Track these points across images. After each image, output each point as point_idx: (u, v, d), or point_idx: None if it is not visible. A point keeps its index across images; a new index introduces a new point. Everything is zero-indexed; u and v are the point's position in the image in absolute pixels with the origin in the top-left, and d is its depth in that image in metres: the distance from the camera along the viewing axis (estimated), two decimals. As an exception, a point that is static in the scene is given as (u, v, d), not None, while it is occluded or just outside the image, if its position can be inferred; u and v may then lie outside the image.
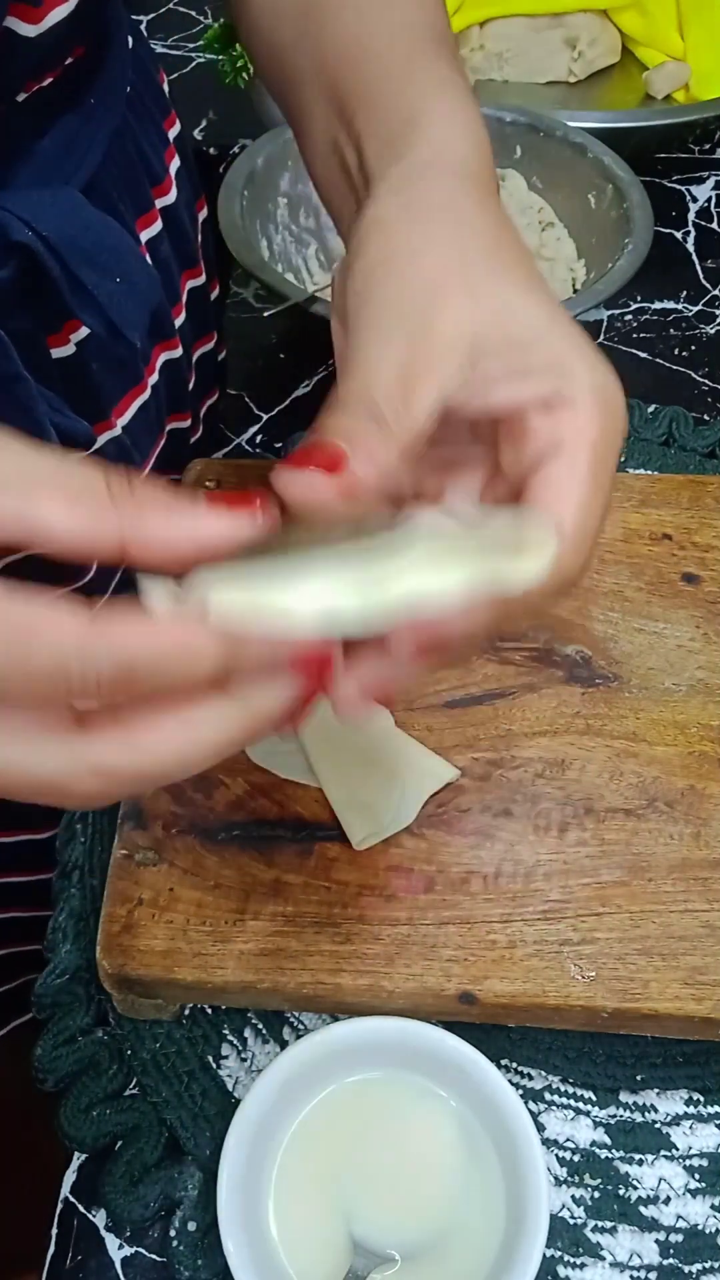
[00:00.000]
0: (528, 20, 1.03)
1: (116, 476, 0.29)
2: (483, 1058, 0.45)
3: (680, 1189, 0.47)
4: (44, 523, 0.29)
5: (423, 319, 0.35)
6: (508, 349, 0.35)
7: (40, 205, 0.47)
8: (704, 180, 0.96)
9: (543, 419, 0.35)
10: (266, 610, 0.29)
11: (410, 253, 0.37)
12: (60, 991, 0.50)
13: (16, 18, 0.45)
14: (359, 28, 0.45)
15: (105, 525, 0.29)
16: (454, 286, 0.36)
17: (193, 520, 0.30)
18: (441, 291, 0.35)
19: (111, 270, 0.49)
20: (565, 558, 0.33)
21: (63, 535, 0.29)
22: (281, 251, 0.82)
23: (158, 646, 0.28)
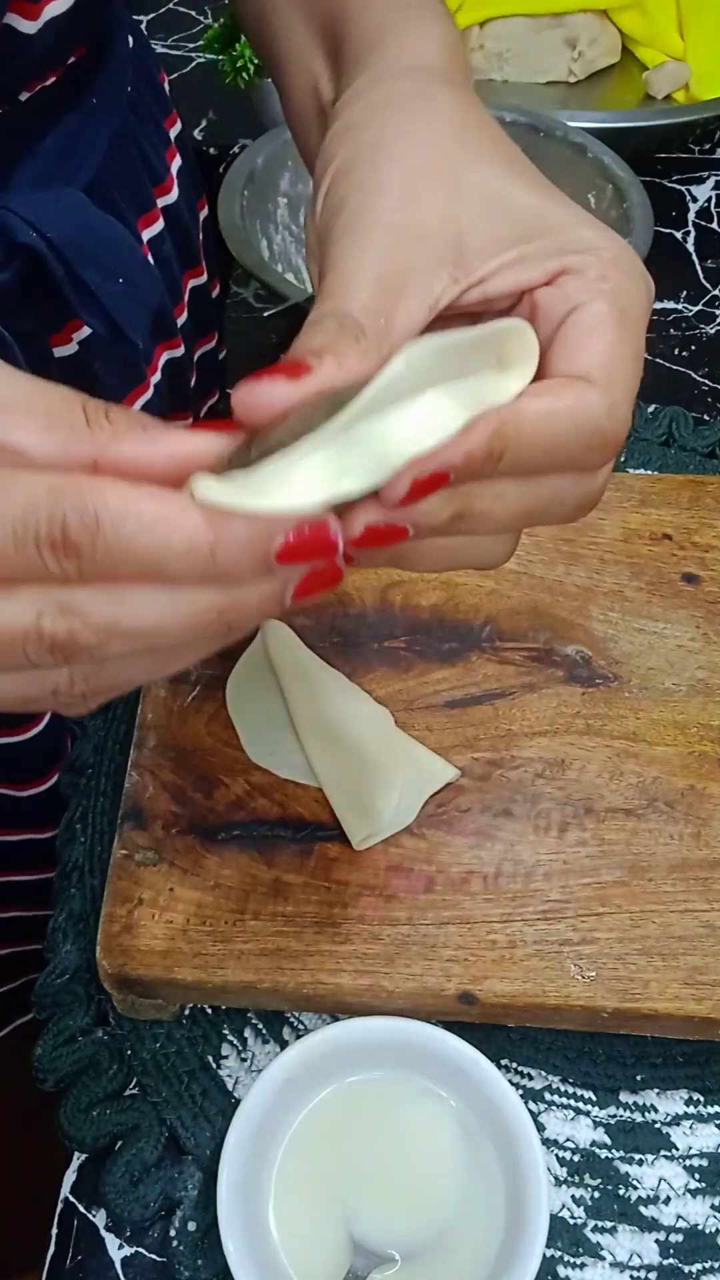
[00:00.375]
0: (528, 20, 1.03)
1: (94, 402, 0.28)
2: (483, 1057, 0.45)
3: (680, 1189, 0.47)
4: (15, 444, 0.27)
5: (401, 220, 0.32)
6: (498, 239, 0.33)
7: (44, 206, 0.47)
8: (704, 180, 0.96)
9: (551, 291, 0.33)
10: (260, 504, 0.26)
11: (380, 149, 0.34)
12: (60, 991, 0.50)
13: (15, 13, 0.45)
14: None
15: (79, 448, 0.28)
16: (432, 179, 0.33)
17: (169, 439, 0.28)
18: (418, 187, 0.33)
19: (114, 271, 0.49)
20: (597, 407, 0.31)
21: (35, 457, 0.27)
22: (282, 251, 0.82)
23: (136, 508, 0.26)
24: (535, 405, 0.30)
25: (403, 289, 0.32)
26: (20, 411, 0.28)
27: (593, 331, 0.32)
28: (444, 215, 0.33)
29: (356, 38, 0.40)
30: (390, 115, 0.35)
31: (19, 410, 0.28)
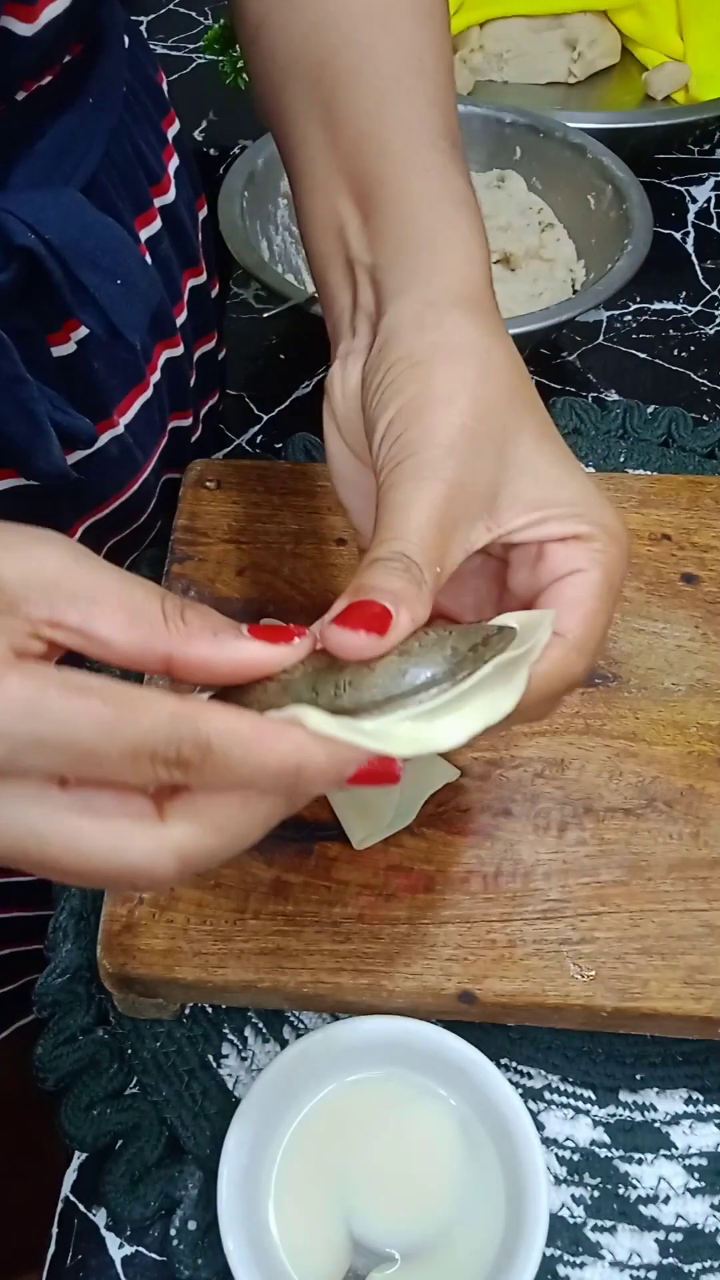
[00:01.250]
0: (527, 21, 1.04)
1: (171, 598, 0.32)
2: (482, 1057, 0.45)
3: (680, 1188, 0.47)
4: (103, 637, 0.31)
5: (458, 477, 0.37)
6: (528, 501, 0.38)
7: (43, 207, 0.47)
8: (703, 181, 0.96)
9: (561, 548, 0.39)
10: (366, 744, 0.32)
11: (448, 404, 0.38)
12: (61, 991, 0.50)
13: (12, 17, 0.45)
14: (378, 119, 0.45)
15: (156, 645, 0.32)
16: (485, 442, 0.38)
17: (232, 646, 0.32)
18: (476, 447, 0.38)
19: (112, 272, 0.49)
20: (575, 665, 0.37)
21: (119, 648, 0.31)
22: (282, 252, 0.82)
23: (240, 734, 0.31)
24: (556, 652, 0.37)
25: (452, 538, 0.37)
26: (108, 605, 0.31)
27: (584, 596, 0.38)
28: (490, 476, 0.38)
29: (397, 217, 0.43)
30: (453, 371, 0.39)
31: (108, 604, 0.31)
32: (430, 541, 0.36)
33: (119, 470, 0.61)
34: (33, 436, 0.51)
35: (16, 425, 0.50)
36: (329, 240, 0.46)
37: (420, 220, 0.43)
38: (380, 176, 0.44)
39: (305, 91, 0.47)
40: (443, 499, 0.37)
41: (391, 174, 0.44)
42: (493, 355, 0.40)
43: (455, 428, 0.38)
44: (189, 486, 0.62)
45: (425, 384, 0.39)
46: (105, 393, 0.58)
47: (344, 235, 0.45)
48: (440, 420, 0.38)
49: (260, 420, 0.76)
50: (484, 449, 0.38)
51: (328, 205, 0.46)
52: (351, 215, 0.45)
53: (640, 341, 0.83)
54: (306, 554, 0.60)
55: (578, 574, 0.38)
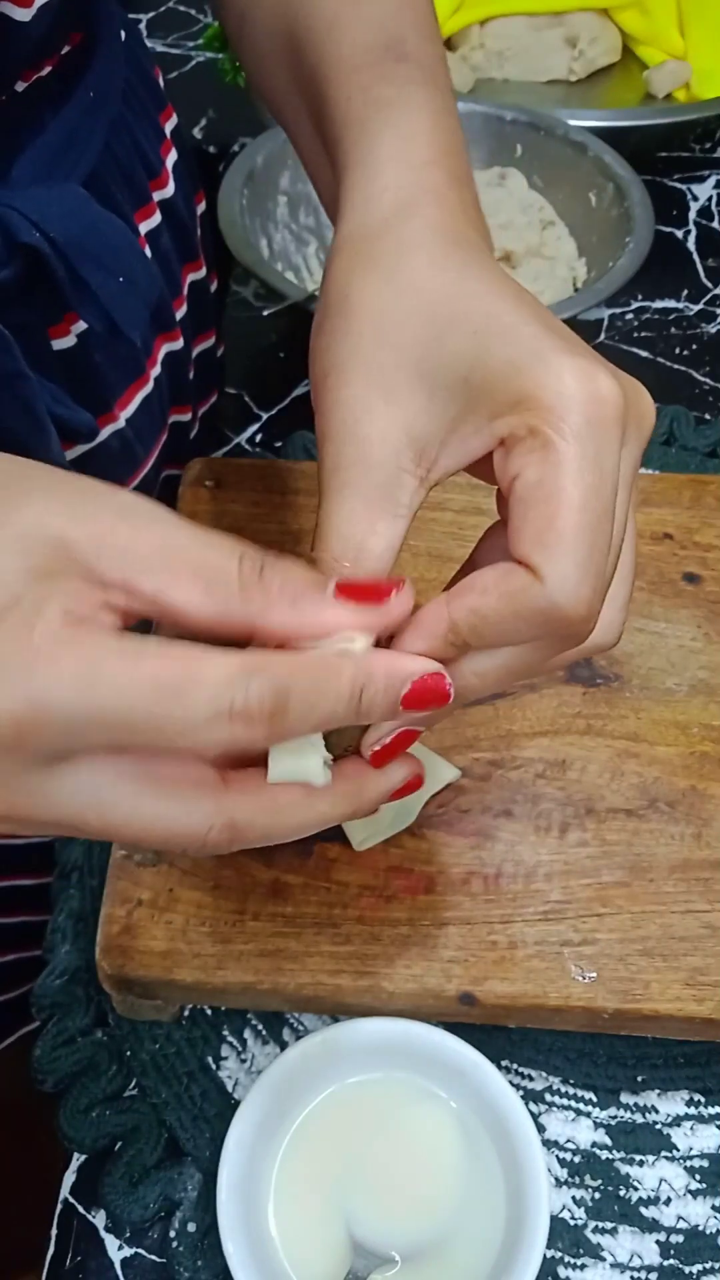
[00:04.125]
0: (528, 19, 1.03)
1: (249, 558, 0.31)
2: (483, 1059, 0.45)
3: (681, 1190, 0.46)
4: (179, 607, 0.30)
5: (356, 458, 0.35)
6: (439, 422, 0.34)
7: (46, 203, 0.47)
8: (705, 179, 0.96)
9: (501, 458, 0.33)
10: None
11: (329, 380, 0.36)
12: (59, 992, 0.50)
13: (9, 2, 0.45)
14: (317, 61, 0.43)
15: (234, 614, 0.30)
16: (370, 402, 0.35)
17: (317, 613, 0.31)
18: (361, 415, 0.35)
19: (114, 269, 0.49)
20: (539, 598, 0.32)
21: (196, 619, 0.30)
22: (281, 250, 0.81)
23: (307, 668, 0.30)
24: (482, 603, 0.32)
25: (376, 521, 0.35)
26: (183, 573, 0.30)
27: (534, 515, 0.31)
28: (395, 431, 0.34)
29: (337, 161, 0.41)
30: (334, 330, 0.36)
31: (182, 572, 0.30)
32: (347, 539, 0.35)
33: (119, 465, 0.61)
34: (32, 433, 0.50)
35: (16, 421, 0.50)
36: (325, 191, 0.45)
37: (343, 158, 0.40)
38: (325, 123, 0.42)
39: (282, 68, 0.47)
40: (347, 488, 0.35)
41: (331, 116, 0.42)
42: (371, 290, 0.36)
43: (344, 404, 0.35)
44: (188, 485, 0.62)
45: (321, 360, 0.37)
46: (106, 386, 0.58)
47: (325, 177, 0.44)
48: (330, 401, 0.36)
49: (259, 419, 0.76)
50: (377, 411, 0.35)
51: (324, 178, 0.45)
52: (323, 158, 0.44)
53: (642, 340, 0.83)
54: (306, 554, 0.59)
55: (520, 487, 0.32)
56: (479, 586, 0.32)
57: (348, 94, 0.41)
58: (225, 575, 0.30)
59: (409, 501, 0.35)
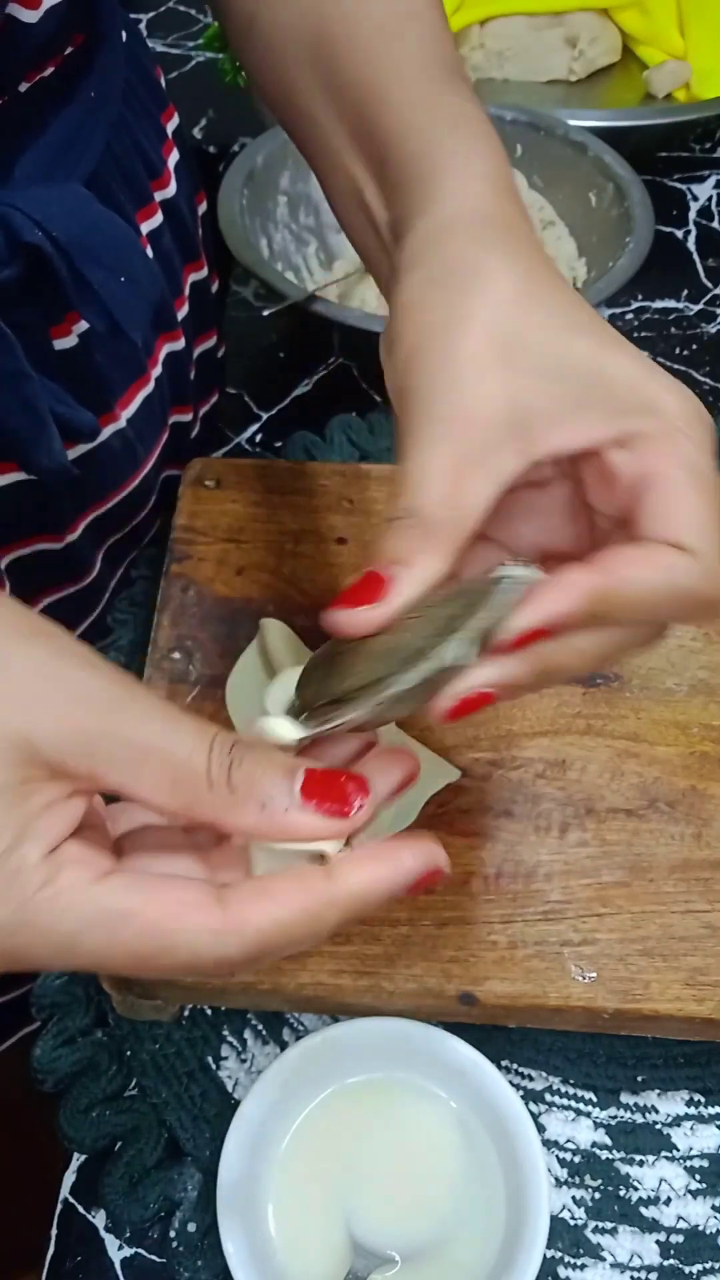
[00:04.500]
0: (528, 19, 1.03)
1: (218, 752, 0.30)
2: (483, 1059, 0.45)
3: (681, 1190, 0.46)
4: (145, 799, 0.30)
5: (466, 411, 0.34)
6: (562, 403, 0.35)
7: (49, 203, 0.47)
8: (705, 179, 0.96)
9: (623, 455, 0.34)
10: None
11: (445, 334, 0.36)
12: (59, 992, 0.50)
13: (17, 4, 0.45)
14: (370, 71, 0.44)
15: (201, 811, 0.30)
16: (493, 363, 0.35)
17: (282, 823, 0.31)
18: (483, 373, 0.35)
19: (116, 269, 0.49)
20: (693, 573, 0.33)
21: (161, 808, 0.31)
22: (281, 250, 0.81)
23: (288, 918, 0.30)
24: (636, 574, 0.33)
25: (472, 476, 0.34)
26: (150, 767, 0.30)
27: (678, 501, 0.33)
28: (507, 396, 0.34)
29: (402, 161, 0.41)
30: (450, 294, 0.36)
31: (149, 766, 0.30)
32: (439, 487, 0.34)
33: (120, 465, 0.61)
34: (34, 432, 0.50)
35: (18, 420, 0.50)
36: (356, 213, 0.45)
37: (419, 157, 0.41)
38: (381, 128, 0.42)
39: (306, 71, 0.47)
40: (448, 438, 0.34)
41: (389, 122, 0.42)
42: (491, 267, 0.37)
43: (458, 359, 0.35)
44: (188, 485, 0.62)
45: (417, 327, 0.36)
46: (107, 386, 0.58)
47: (364, 202, 0.44)
48: (438, 355, 0.35)
49: (260, 419, 0.76)
50: (494, 371, 0.35)
51: (347, 179, 0.45)
52: (367, 180, 0.44)
53: (642, 340, 0.83)
54: (306, 553, 0.60)
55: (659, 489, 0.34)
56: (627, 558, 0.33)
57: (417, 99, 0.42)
58: (192, 773, 0.30)
59: (507, 469, 0.34)
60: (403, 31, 0.44)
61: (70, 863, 0.30)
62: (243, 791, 0.30)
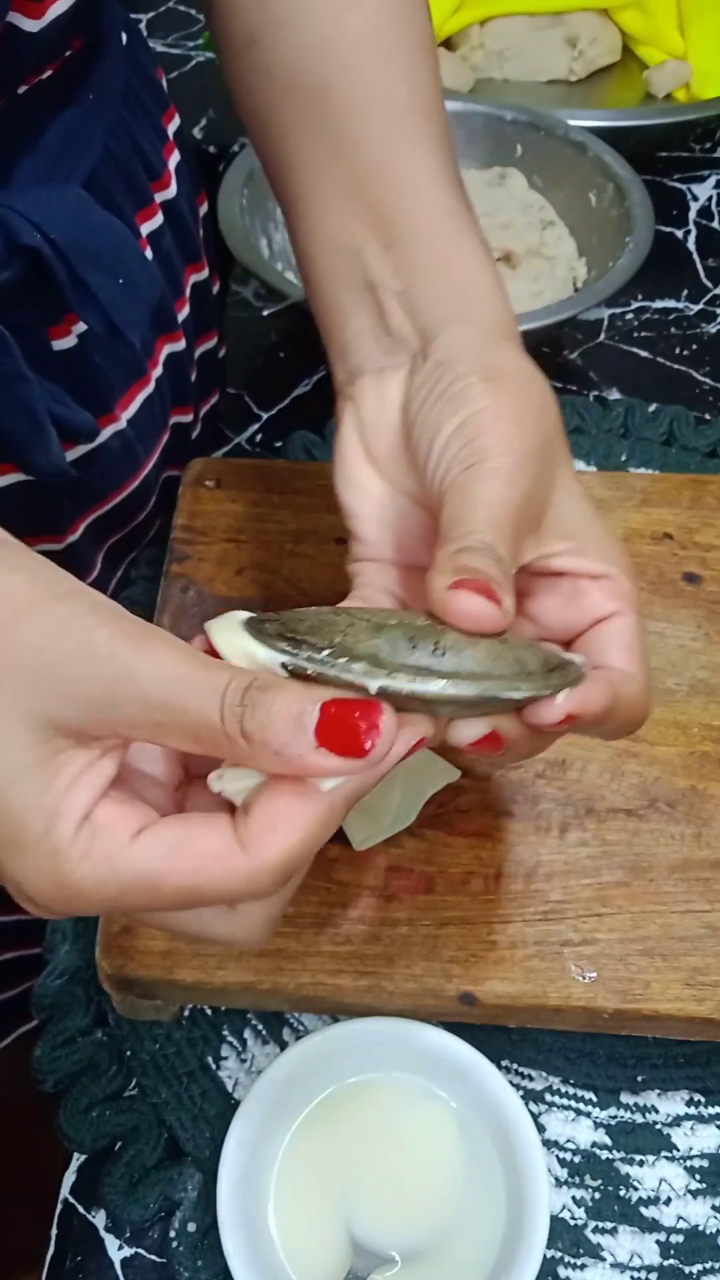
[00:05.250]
0: (528, 19, 1.03)
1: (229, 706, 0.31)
2: (483, 1059, 0.45)
3: (681, 1190, 0.46)
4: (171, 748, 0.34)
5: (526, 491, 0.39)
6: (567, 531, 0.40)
7: (47, 206, 0.47)
8: (705, 179, 0.96)
9: (595, 586, 0.40)
10: None
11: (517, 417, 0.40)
12: (59, 993, 0.50)
13: (19, 14, 0.45)
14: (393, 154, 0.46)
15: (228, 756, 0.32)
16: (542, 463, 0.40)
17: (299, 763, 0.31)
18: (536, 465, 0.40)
19: (114, 272, 0.49)
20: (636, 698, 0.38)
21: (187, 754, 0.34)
22: (281, 250, 0.81)
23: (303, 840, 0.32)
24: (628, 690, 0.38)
25: (518, 544, 0.38)
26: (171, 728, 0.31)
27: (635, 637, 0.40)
28: (543, 497, 0.40)
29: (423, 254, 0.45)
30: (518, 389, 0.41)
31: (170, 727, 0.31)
32: (509, 541, 0.37)
33: (120, 466, 0.61)
34: (32, 434, 0.50)
35: (16, 422, 0.50)
36: (341, 261, 0.46)
37: (456, 261, 0.45)
38: (403, 210, 0.45)
39: (306, 113, 0.47)
40: (517, 505, 0.38)
41: (416, 210, 0.45)
42: (545, 389, 0.42)
43: (526, 444, 0.39)
44: (188, 485, 0.62)
45: (497, 398, 0.40)
46: (107, 387, 0.58)
47: (361, 258, 0.45)
48: (514, 433, 0.39)
49: (260, 419, 0.76)
50: (541, 471, 0.40)
51: (340, 226, 0.46)
52: (368, 240, 0.45)
53: (642, 340, 0.83)
54: (306, 553, 0.60)
55: (619, 617, 0.40)
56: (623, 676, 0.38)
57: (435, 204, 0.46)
58: (209, 727, 0.31)
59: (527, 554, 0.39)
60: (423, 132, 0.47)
61: (103, 830, 0.31)
62: (258, 740, 0.31)
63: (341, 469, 0.45)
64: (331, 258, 0.47)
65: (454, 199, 0.46)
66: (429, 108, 0.48)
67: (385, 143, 0.46)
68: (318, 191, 0.47)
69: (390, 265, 0.45)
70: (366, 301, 0.45)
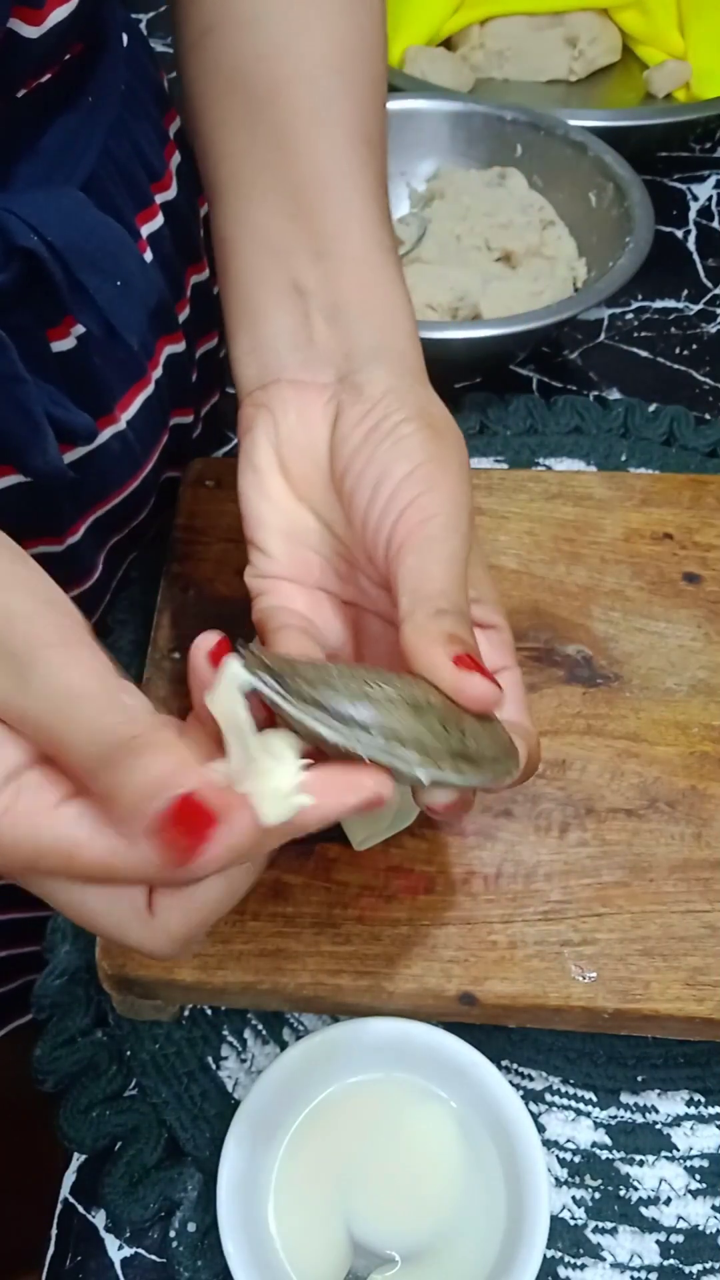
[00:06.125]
0: (528, 19, 1.03)
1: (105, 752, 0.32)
2: (483, 1059, 0.45)
3: (681, 1190, 0.46)
4: None
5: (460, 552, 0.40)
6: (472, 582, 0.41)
7: (45, 208, 0.47)
8: (705, 179, 0.96)
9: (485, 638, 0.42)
10: None
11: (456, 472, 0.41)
12: (60, 992, 0.50)
13: (19, 19, 0.45)
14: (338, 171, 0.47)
15: None
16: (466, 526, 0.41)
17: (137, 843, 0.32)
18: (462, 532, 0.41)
19: (112, 274, 0.49)
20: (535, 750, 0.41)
21: None
22: (282, 250, 0.81)
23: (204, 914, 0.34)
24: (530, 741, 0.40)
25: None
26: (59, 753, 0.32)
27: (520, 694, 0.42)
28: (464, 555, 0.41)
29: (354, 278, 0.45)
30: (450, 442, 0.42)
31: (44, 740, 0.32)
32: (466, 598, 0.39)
33: (120, 467, 0.61)
34: (29, 436, 0.50)
35: (13, 424, 0.50)
36: (266, 255, 0.47)
37: (385, 293, 0.45)
38: (339, 227, 0.46)
39: (249, 110, 0.48)
40: (464, 561, 0.40)
41: (351, 231, 0.46)
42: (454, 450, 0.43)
43: (466, 499, 0.41)
44: (188, 485, 0.62)
45: (440, 449, 0.41)
46: (106, 389, 0.58)
47: (289, 260, 0.46)
48: (458, 487, 0.41)
49: (260, 419, 0.76)
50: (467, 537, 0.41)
51: (269, 222, 0.46)
52: (299, 245, 0.46)
53: (642, 340, 0.83)
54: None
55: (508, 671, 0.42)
56: None
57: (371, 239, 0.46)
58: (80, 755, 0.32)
59: None
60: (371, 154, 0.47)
61: (29, 788, 0.32)
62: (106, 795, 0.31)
63: (253, 476, 0.45)
64: (256, 250, 0.47)
65: (387, 235, 0.47)
66: (374, 141, 0.48)
67: (329, 156, 0.47)
68: (250, 182, 0.47)
69: (319, 275, 0.45)
70: (289, 303, 0.46)
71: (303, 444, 0.44)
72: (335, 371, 0.45)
